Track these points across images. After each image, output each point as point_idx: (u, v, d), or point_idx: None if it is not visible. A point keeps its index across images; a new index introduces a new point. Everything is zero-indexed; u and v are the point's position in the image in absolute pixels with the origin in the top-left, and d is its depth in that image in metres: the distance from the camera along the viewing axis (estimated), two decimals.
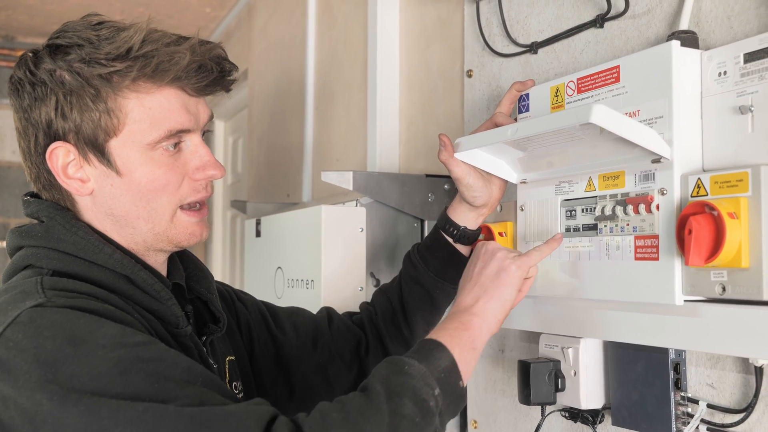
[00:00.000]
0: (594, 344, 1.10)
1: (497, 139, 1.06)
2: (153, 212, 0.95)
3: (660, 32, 1.05)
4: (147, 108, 0.92)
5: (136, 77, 0.91)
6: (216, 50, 0.97)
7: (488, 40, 1.39)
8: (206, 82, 0.95)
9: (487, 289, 1.00)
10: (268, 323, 1.22)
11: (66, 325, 0.79)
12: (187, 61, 0.92)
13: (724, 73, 0.90)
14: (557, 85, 1.10)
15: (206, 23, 3.51)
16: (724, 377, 0.96)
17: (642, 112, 0.95)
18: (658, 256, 0.93)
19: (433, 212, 1.45)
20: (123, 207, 0.95)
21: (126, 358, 0.78)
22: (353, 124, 1.97)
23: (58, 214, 0.94)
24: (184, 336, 0.96)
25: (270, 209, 2.04)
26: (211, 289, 1.08)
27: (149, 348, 0.81)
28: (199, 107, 0.97)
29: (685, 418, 0.97)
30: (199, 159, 0.97)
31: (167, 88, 0.93)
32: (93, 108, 0.91)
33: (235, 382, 1.08)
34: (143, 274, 0.93)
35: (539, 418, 1.16)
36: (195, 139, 0.97)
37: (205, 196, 0.99)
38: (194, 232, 0.99)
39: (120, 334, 0.80)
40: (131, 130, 0.92)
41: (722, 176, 0.86)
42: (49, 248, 0.92)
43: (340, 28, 2.11)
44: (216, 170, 0.98)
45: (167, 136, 0.93)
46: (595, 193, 1.03)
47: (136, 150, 0.93)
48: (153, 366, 0.79)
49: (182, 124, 0.94)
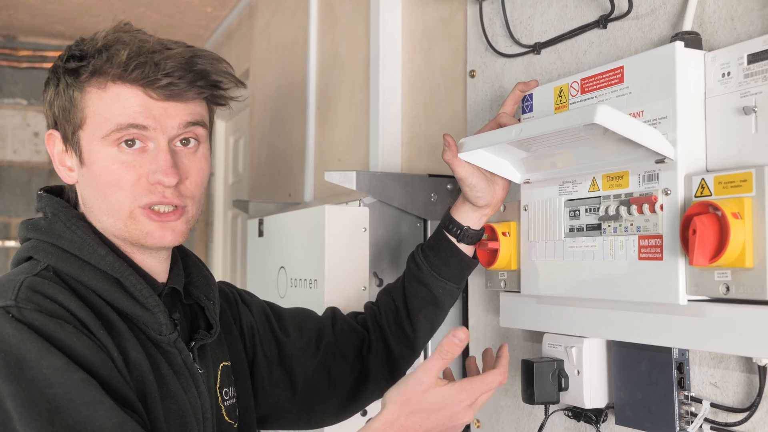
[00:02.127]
0: (597, 344, 1.10)
1: (501, 139, 1.06)
2: (111, 207, 0.97)
3: (663, 33, 1.05)
4: (103, 103, 0.95)
5: (93, 72, 0.95)
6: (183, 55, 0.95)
7: (491, 40, 1.40)
8: (165, 83, 0.94)
9: None
10: (272, 325, 1.22)
11: (19, 345, 0.82)
12: (124, 58, 0.93)
13: (728, 74, 0.90)
14: (561, 85, 1.10)
15: (207, 23, 3.51)
16: (728, 376, 0.96)
17: (646, 113, 0.96)
18: (662, 256, 0.93)
19: (436, 212, 1.45)
20: (90, 198, 0.99)
21: (61, 397, 0.81)
22: (355, 124, 1.98)
23: (62, 211, 0.98)
24: (167, 342, 0.97)
25: (272, 209, 2.04)
26: (210, 296, 1.09)
27: (86, 391, 0.82)
28: (168, 111, 0.96)
29: (688, 417, 0.98)
30: (156, 163, 0.96)
31: (121, 85, 0.95)
32: (66, 101, 0.97)
33: (226, 388, 1.09)
34: (133, 279, 0.95)
35: (542, 418, 1.17)
36: (160, 143, 0.96)
37: (163, 201, 0.96)
38: (152, 233, 0.97)
39: (64, 367, 0.82)
40: (91, 123, 0.96)
41: (726, 176, 0.86)
42: (49, 243, 0.96)
43: (342, 28, 2.11)
44: (164, 176, 0.95)
45: (117, 129, 0.95)
46: (599, 193, 1.03)
47: (95, 143, 0.96)
48: (84, 414, 0.81)
49: (134, 119, 0.94)
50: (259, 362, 1.19)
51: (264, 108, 2.77)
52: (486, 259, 1.22)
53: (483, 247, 1.22)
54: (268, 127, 2.74)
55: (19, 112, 4.01)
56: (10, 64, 3.94)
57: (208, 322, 1.08)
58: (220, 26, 3.51)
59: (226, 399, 1.08)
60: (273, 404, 1.19)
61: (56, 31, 3.71)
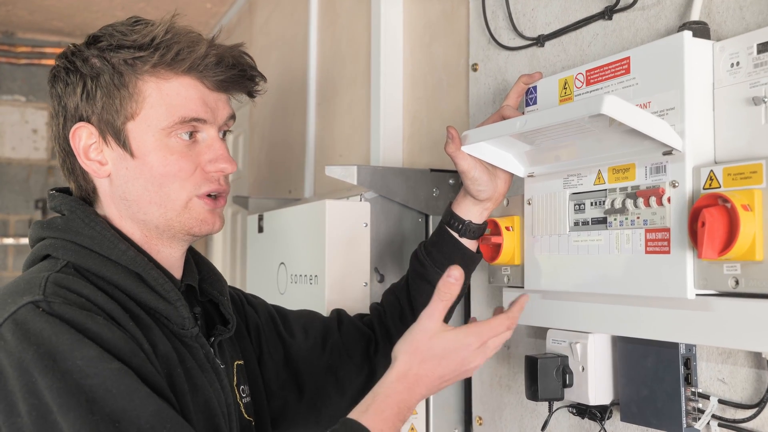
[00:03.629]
0: (603, 339, 1.09)
1: (506, 131, 1.05)
2: (165, 197, 0.97)
3: (670, 24, 1.04)
4: (164, 94, 0.95)
5: (156, 64, 0.95)
6: (238, 51, 1.01)
7: (494, 33, 1.38)
8: (224, 77, 0.98)
9: (439, 388, 0.96)
10: (278, 327, 1.22)
11: (52, 338, 0.82)
12: (203, 51, 0.96)
13: (737, 64, 0.89)
14: (566, 77, 1.09)
15: (207, 19, 3.49)
16: (736, 372, 0.95)
17: (653, 104, 0.94)
18: (669, 250, 0.91)
19: (438, 207, 1.44)
20: (136, 191, 0.97)
21: (98, 388, 0.80)
22: (356, 119, 1.96)
23: (78, 208, 0.98)
24: (190, 337, 0.97)
25: (272, 205, 2.02)
26: (223, 291, 1.09)
27: (122, 380, 0.82)
28: (219, 103, 1.00)
29: (695, 413, 0.96)
30: (213, 152, 0.99)
31: (184, 76, 0.96)
32: (115, 91, 0.95)
33: (243, 386, 1.09)
34: (154, 273, 0.95)
35: (546, 414, 1.15)
36: (211, 133, 1.00)
37: (219, 189, 1.00)
38: (206, 219, 1.00)
39: (98, 357, 0.82)
40: (147, 114, 0.95)
41: (735, 168, 0.85)
42: (67, 240, 0.95)
43: (342, 23, 2.09)
44: (227, 164, 1.00)
45: (180, 123, 0.96)
46: (605, 186, 1.01)
47: (150, 134, 0.96)
48: (120, 403, 0.81)
49: (197, 113, 0.97)
50: (265, 363, 1.19)
51: (264, 104, 2.75)
52: (489, 254, 1.21)
53: (486, 242, 1.20)
54: (268, 123, 2.73)
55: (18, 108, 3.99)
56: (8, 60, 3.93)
57: (223, 318, 1.08)
58: (219, 22, 3.50)
59: (243, 396, 1.08)
60: (281, 406, 1.19)
61: (55, 27, 3.69)
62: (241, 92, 1.03)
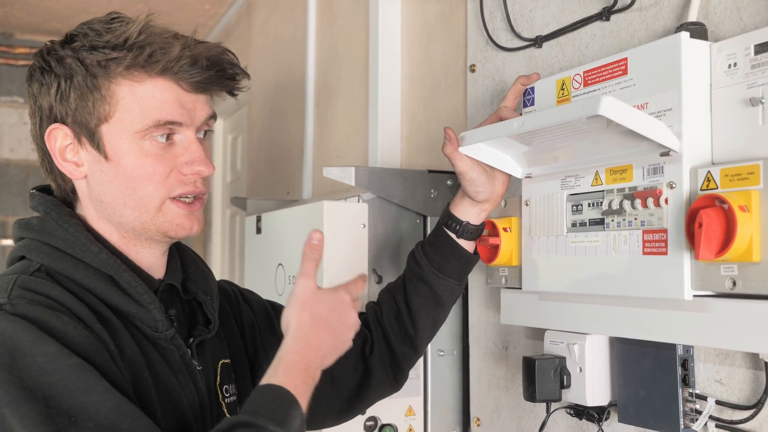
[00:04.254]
0: (600, 340, 1.09)
1: (503, 132, 1.05)
2: (139, 201, 0.96)
3: (668, 25, 1.04)
4: (138, 97, 0.94)
5: (130, 65, 0.93)
6: (215, 50, 0.98)
7: (492, 34, 1.38)
8: (200, 78, 0.96)
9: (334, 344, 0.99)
10: (274, 324, 1.21)
11: (13, 336, 0.82)
12: (177, 53, 0.94)
13: (734, 65, 0.89)
14: (563, 78, 1.08)
15: (205, 20, 3.49)
16: (733, 373, 0.95)
17: (650, 105, 0.94)
18: (666, 251, 0.91)
19: (436, 208, 1.44)
20: (111, 193, 0.97)
21: (56, 384, 0.80)
22: (354, 120, 1.96)
23: (53, 209, 0.97)
24: (164, 339, 0.96)
25: (270, 206, 2.02)
26: (208, 290, 1.08)
27: (80, 376, 0.82)
28: (196, 104, 0.98)
29: (693, 414, 0.96)
30: (190, 154, 0.97)
31: (159, 78, 0.94)
32: (88, 93, 0.94)
33: (227, 385, 1.08)
34: (127, 276, 0.94)
35: (544, 416, 1.15)
36: (188, 134, 0.98)
37: (195, 191, 0.98)
38: (182, 224, 0.98)
39: (58, 353, 0.82)
40: (121, 117, 0.94)
41: (733, 169, 0.85)
42: (41, 242, 0.95)
43: (340, 24, 2.09)
44: (203, 167, 0.98)
45: (155, 126, 0.94)
46: (602, 187, 1.01)
47: (124, 137, 0.95)
48: (79, 399, 0.80)
49: (172, 116, 0.95)
50: (260, 361, 1.18)
51: (262, 105, 2.75)
52: (486, 255, 1.21)
53: (484, 243, 1.20)
54: (266, 125, 2.72)
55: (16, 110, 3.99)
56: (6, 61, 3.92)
57: (206, 318, 1.07)
58: (218, 23, 3.49)
59: (226, 396, 1.07)
60: None
61: (53, 28, 3.69)
62: (222, 91, 1.01)
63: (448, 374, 1.46)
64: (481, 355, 1.41)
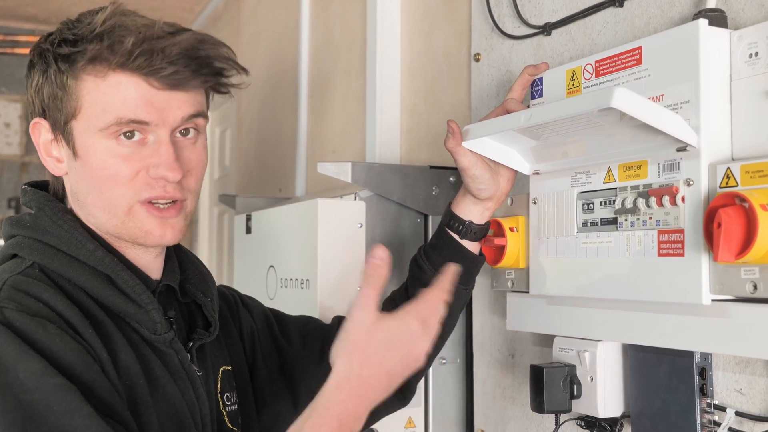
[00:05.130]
0: (612, 348, 1.09)
1: (509, 126, 1.05)
2: (107, 203, 0.96)
3: (685, 11, 1.04)
4: (101, 92, 0.94)
5: (92, 58, 0.93)
6: (189, 41, 0.94)
7: (497, 21, 1.38)
8: (168, 72, 0.92)
9: (388, 387, 0.90)
10: (274, 332, 1.21)
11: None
12: (131, 44, 0.91)
13: (756, 55, 0.89)
14: (573, 68, 1.09)
15: (191, 6, 3.49)
16: (754, 383, 0.95)
17: (666, 97, 0.94)
18: (683, 252, 0.92)
19: (438, 206, 1.44)
20: (83, 192, 0.98)
21: (38, 403, 0.80)
22: (351, 113, 1.96)
23: (47, 205, 0.98)
24: (163, 342, 0.97)
25: (261, 204, 2.02)
26: (207, 292, 1.08)
27: (64, 397, 0.81)
28: (171, 102, 0.94)
29: (711, 426, 0.97)
30: (157, 157, 0.95)
31: (120, 73, 0.93)
32: (57, 87, 0.95)
33: (227, 393, 1.08)
34: (124, 275, 0.95)
35: (553, 428, 1.15)
36: (160, 135, 0.95)
37: (162, 196, 0.96)
38: (151, 230, 0.96)
39: (42, 371, 0.82)
40: (87, 113, 0.95)
41: (754, 165, 0.85)
42: (34, 239, 0.96)
43: (336, 10, 2.09)
44: (168, 171, 0.94)
45: (116, 124, 0.93)
46: (615, 184, 1.02)
47: (90, 135, 0.95)
48: (61, 421, 0.80)
49: (137, 114, 0.93)
50: (258, 370, 1.18)
51: (253, 97, 2.75)
52: (492, 257, 1.21)
53: (489, 244, 1.20)
54: (256, 118, 2.73)
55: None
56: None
57: (206, 321, 1.08)
58: (205, 9, 3.50)
59: (227, 404, 1.07)
60: (274, 416, 1.18)
61: (29, 14, 3.69)
62: (203, 87, 0.98)
63: (451, 383, 1.47)
64: (485, 363, 1.42)
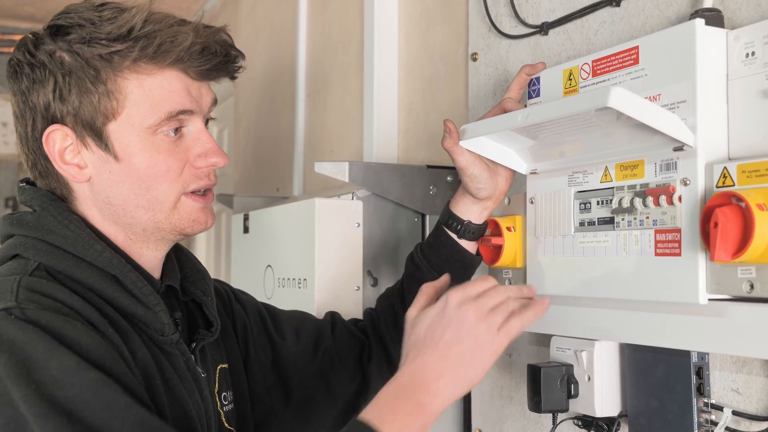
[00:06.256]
0: (610, 347, 1.09)
1: (507, 125, 1.05)
2: (153, 200, 0.96)
3: (681, 11, 1.04)
4: (147, 90, 0.94)
5: (137, 58, 0.93)
6: (221, 34, 1.00)
7: (495, 20, 1.38)
8: (209, 65, 0.97)
9: (456, 367, 0.89)
10: (267, 326, 1.21)
11: (25, 346, 0.81)
12: (189, 42, 0.95)
13: (752, 54, 0.89)
14: (570, 67, 1.09)
15: (188, 4, 3.49)
16: (751, 382, 0.95)
17: (663, 96, 0.94)
18: (680, 252, 0.92)
19: (435, 206, 1.44)
20: (121, 195, 0.96)
21: (74, 399, 0.80)
22: (348, 112, 1.96)
23: (51, 204, 0.96)
24: (170, 344, 0.97)
25: (258, 203, 2.02)
26: (207, 291, 1.09)
27: (101, 391, 0.81)
28: (202, 91, 1.00)
29: (708, 426, 0.97)
30: (202, 146, 0.99)
31: (168, 69, 0.95)
32: (92, 89, 0.93)
33: (225, 393, 1.08)
34: (132, 276, 0.94)
35: (550, 427, 1.15)
36: (197, 125, 0.99)
37: (209, 184, 1.01)
38: (198, 218, 1.00)
39: (75, 366, 0.81)
40: (131, 113, 0.94)
41: (750, 165, 0.85)
42: (38, 239, 0.94)
43: (333, 9, 2.09)
44: (219, 158, 1.00)
45: (167, 119, 0.95)
46: (612, 183, 1.02)
47: (135, 134, 0.95)
48: (100, 415, 0.80)
49: (183, 104, 0.96)
50: (251, 365, 1.18)
51: (250, 96, 2.75)
52: (489, 256, 1.21)
53: (486, 243, 1.20)
54: (254, 117, 2.72)
55: None
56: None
57: (206, 320, 1.08)
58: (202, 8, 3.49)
59: (225, 404, 1.07)
60: (266, 412, 1.18)
61: (26, 13, 3.68)
62: (225, 77, 1.03)
63: None
64: None
